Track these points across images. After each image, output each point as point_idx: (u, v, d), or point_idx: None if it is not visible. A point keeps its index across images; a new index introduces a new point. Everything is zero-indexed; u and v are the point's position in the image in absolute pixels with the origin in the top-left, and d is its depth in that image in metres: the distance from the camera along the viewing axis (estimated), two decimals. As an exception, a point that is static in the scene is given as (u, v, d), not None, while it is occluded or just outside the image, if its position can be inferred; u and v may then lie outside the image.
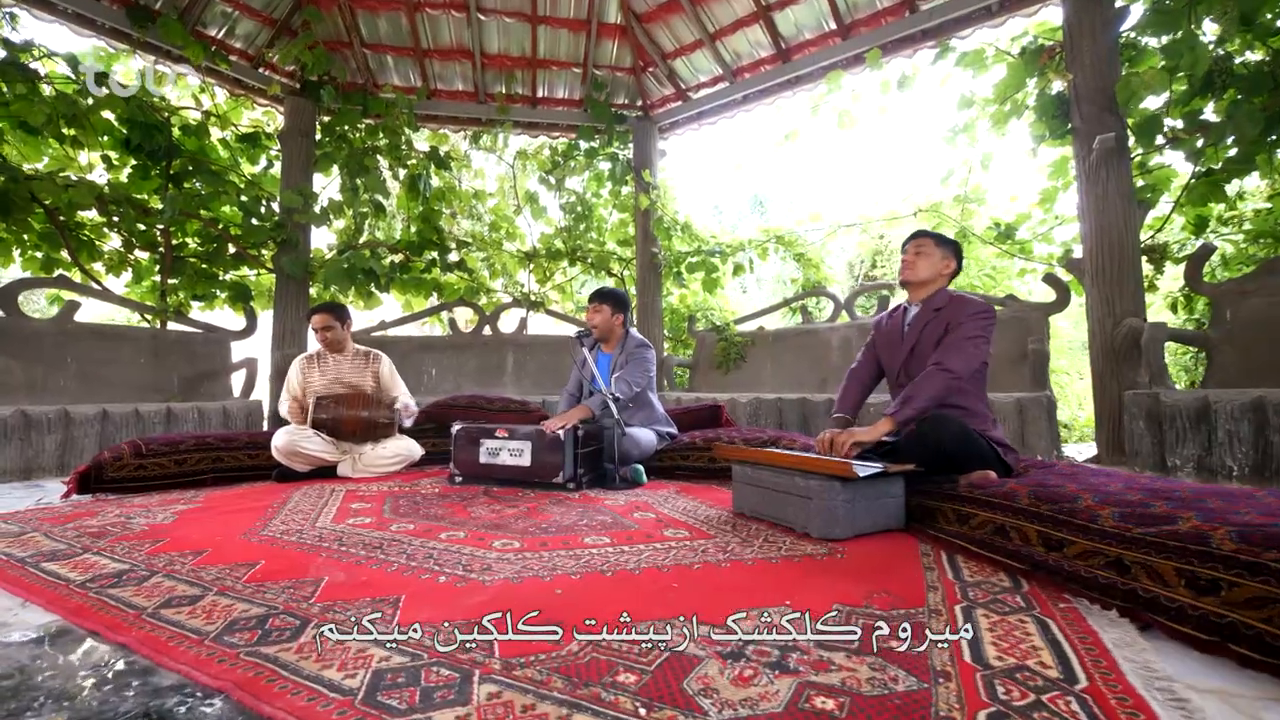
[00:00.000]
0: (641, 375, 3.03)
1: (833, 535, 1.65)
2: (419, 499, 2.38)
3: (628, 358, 3.06)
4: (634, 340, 3.13)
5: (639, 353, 3.06)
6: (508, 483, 2.65)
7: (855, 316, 4.75)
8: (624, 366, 3.03)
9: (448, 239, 5.38)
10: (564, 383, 5.57)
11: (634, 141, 5.70)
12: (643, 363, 3.05)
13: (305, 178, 4.89)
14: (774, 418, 4.37)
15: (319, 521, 2.01)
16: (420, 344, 5.27)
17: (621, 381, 2.89)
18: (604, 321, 3.10)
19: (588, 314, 3.12)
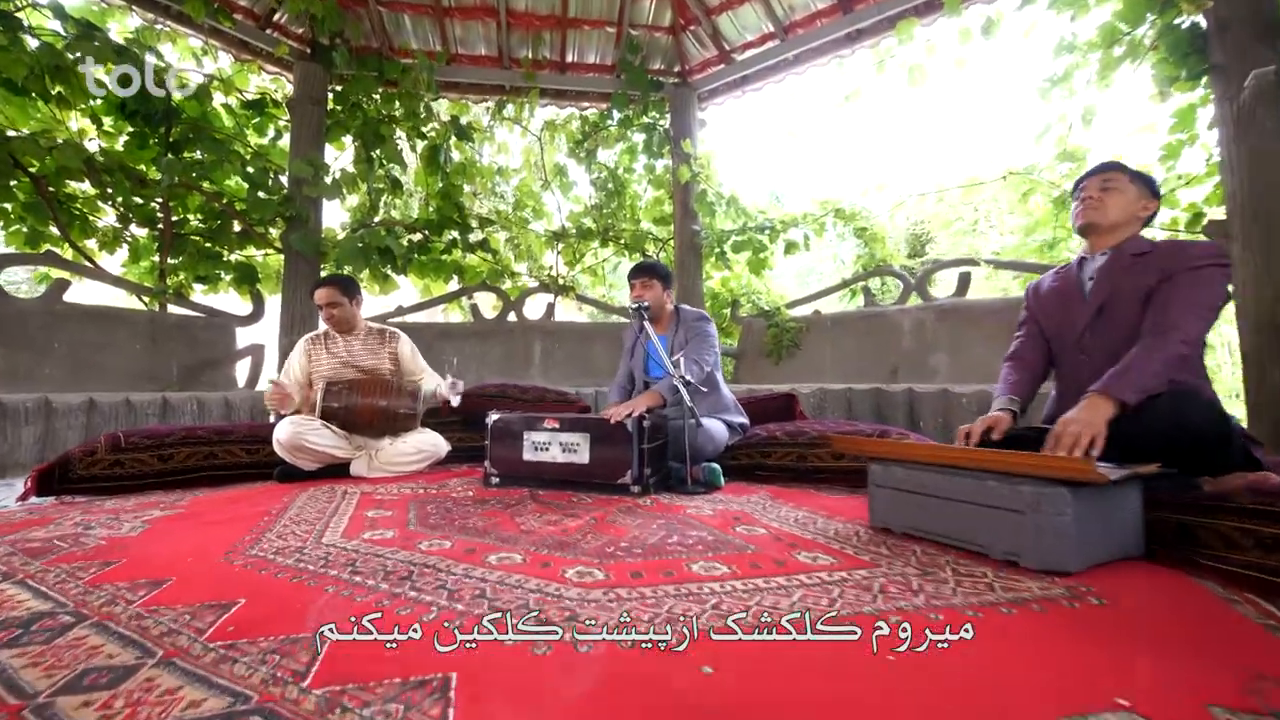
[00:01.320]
0: (709, 353, 2.55)
1: (1061, 567, 1.14)
2: (451, 505, 1.90)
3: (688, 335, 2.57)
4: (691, 314, 2.64)
5: (700, 327, 2.58)
6: (557, 484, 2.16)
7: (929, 297, 4.21)
8: (685, 345, 2.55)
9: (469, 217, 4.92)
10: (596, 373, 5.17)
11: (671, 111, 5.21)
12: (707, 339, 2.57)
13: (316, 148, 4.45)
14: (842, 410, 3.86)
15: (326, 536, 1.53)
16: (440, 331, 4.82)
17: (690, 363, 2.39)
18: (655, 299, 2.62)
19: (634, 291, 2.64)
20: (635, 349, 2.75)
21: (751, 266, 4.95)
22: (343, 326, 2.80)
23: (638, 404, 2.23)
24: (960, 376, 3.85)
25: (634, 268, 2.67)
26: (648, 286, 2.60)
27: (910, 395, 3.62)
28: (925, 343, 4.09)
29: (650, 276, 2.61)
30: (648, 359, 2.70)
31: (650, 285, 2.60)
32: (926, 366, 4.05)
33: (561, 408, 3.18)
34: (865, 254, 4.51)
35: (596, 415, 2.17)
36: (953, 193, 4.12)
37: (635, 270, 2.65)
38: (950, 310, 4.04)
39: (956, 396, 3.44)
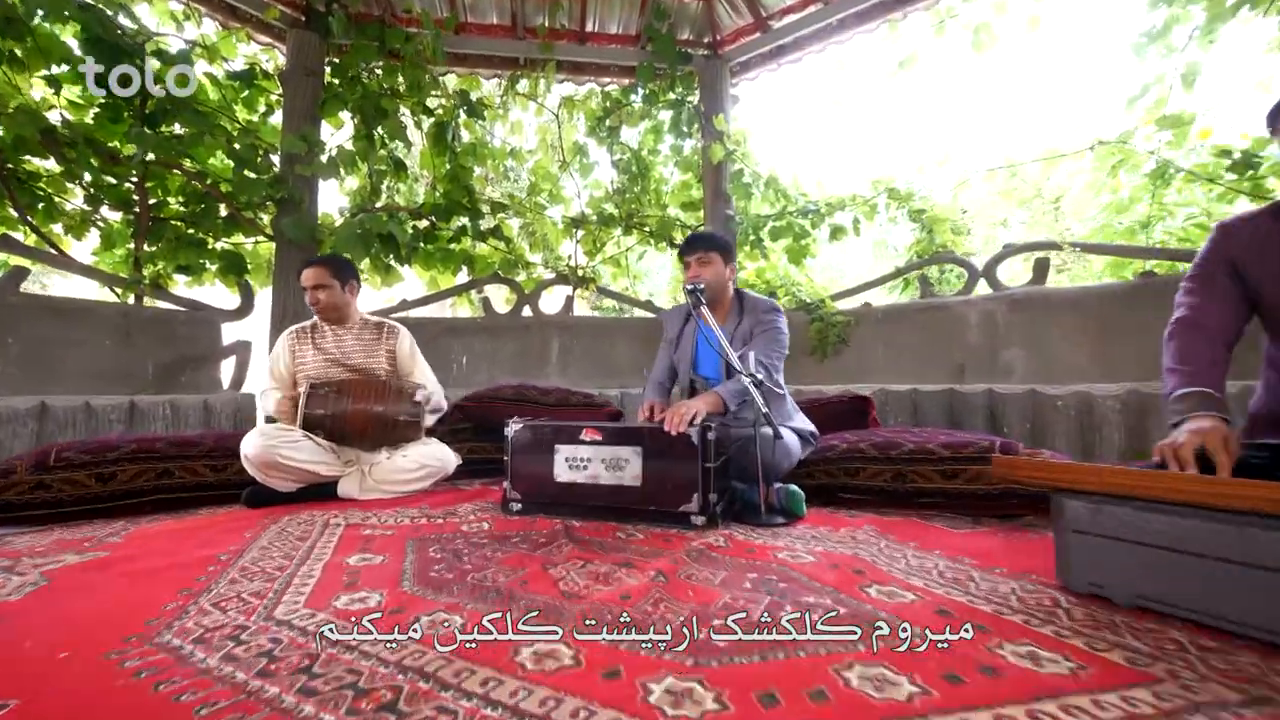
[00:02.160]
0: (779, 354, 2.08)
1: None
2: (461, 545, 1.44)
3: (755, 327, 2.10)
4: (761, 303, 2.16)
5: (771, 320, 2.10)
6: (598, 512, 1.69)
7: (1000, 286, 3.71)
8: (750, 340, 2.08)
9: (480, 202, 4.46)
10: (618, 372, 4.68)
11: (700, 85, 4.73)
12: (779, 336, 2.10)
13: (311, 124, 4.01)
14: (907, 415, 3.37)
15: (283, 603, 1.07)
16: (447, 327, 4.36)
17: (758, 365, 1.92)
18: (716, 278, 2.14)
19: (689, 271, 2.16)
20: (682, 339, 2.27)
21: (791, 255, 4.46)
22: (331, 315, 2.35)
23: (695, 406, 1.75)
24: (1039, 375, 3.35)
25: (689, 239, 2.20)
26: (706, 263, 2.12)
27: (990, 398, 3.13)
28: (996, 338, 3.59)
29: (709, 249, 2.14)
30: (697, 353, 2.23)
31: (709, 261, 2.13)
32: (998, 364, 3.55)
33: (588, 413, 2.71)
34: (923, 239, 4.01)
35: (649, 424, 1.70)
36: (1026, 170, 3.63)
37: (691, 242, 2.17)
38: (1025, 301, 3.53)
39: (1048, 399, 2.94)
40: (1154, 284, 3.21)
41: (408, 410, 2.17)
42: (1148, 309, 3.18)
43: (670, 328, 2.36)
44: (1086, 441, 2.82)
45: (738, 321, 2.15)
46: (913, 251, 4.23)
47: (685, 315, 2.30)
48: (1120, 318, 3.23)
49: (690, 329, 2.23)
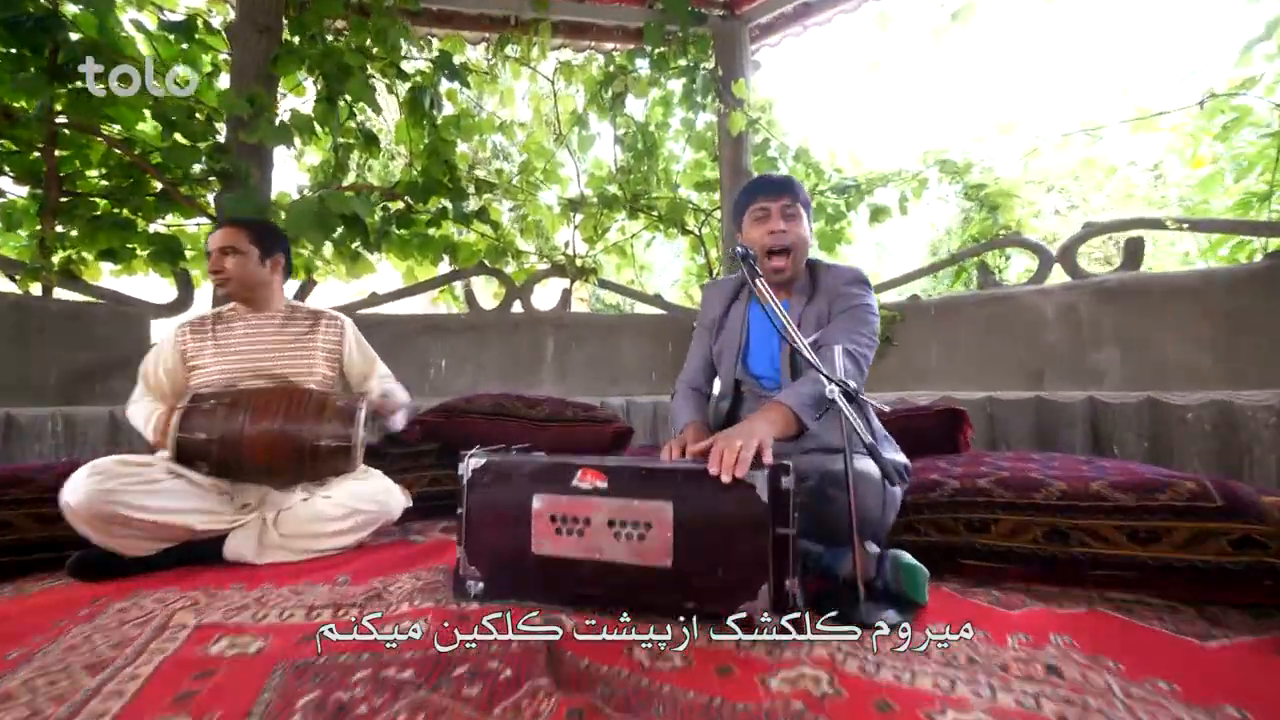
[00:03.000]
0: (870, 341, 1.47)
1: None
2: (360, 689, 0.81)
3: (833, 303, 1.49)
4: (841, 272, 1.55)
5: (857, 295, 1.50)
6: (603, 604, 1.06)
7: (1081, 273, 3.09)
8: (834, 322, 1.47)
9: (463, 181, 3.85)
10: (623, 378, 3.99)
11: (716, 50, 4.13)
12: (868, 314, 1.49)
13: (263, 86, 3.40)
14: (981, 427, 2.74)
15: None
16: (425, 325, 3.74)
17: (847, 355, 1.30)
18: (802, 243, 1.54)
19: (770, 223, 1.51)
20: (727, 324, 1.66)
21: (823, 241, 3.85)
22: (240, 293, 1.73)
23: (758, 432, 1.12)
24: (1143, 381, 2.73)
25: (765, 179, 1.59)
26: (793, 218, 1.51)
27: (1091, 408, 2.50)
28: (1080, 336, 2.97)
29: (795, 199, 1.52)
30: (747, 344, 1.61)
31: (797, 217, 1.52)
32: (1085, 368, 2.92)
33: (588, 431, 2.08)
34: (983, 219, 3.39)
35: (692, 462, 1.08)
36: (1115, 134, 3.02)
37: (774, 184, 1.54)
38: (1119, 290, 2.91)
39: (1173, 410, 2.32)
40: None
41: (333, 433, 1.54)
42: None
43: (710, 307, 1.74)
44: (1229, 465, 2.19)
45: (807, 299, 1.53)
46: (968, 234, 3.61)
47: (733, 292, 1.68)
48: (1251, 309, 2.61)
49: (739, 310, 1.61)
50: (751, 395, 1.58)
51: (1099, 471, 1.38)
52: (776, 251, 1.48)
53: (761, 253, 1.49)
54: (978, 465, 1.57)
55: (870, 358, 1.46)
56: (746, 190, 1.59)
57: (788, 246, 1.48)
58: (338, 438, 1.55)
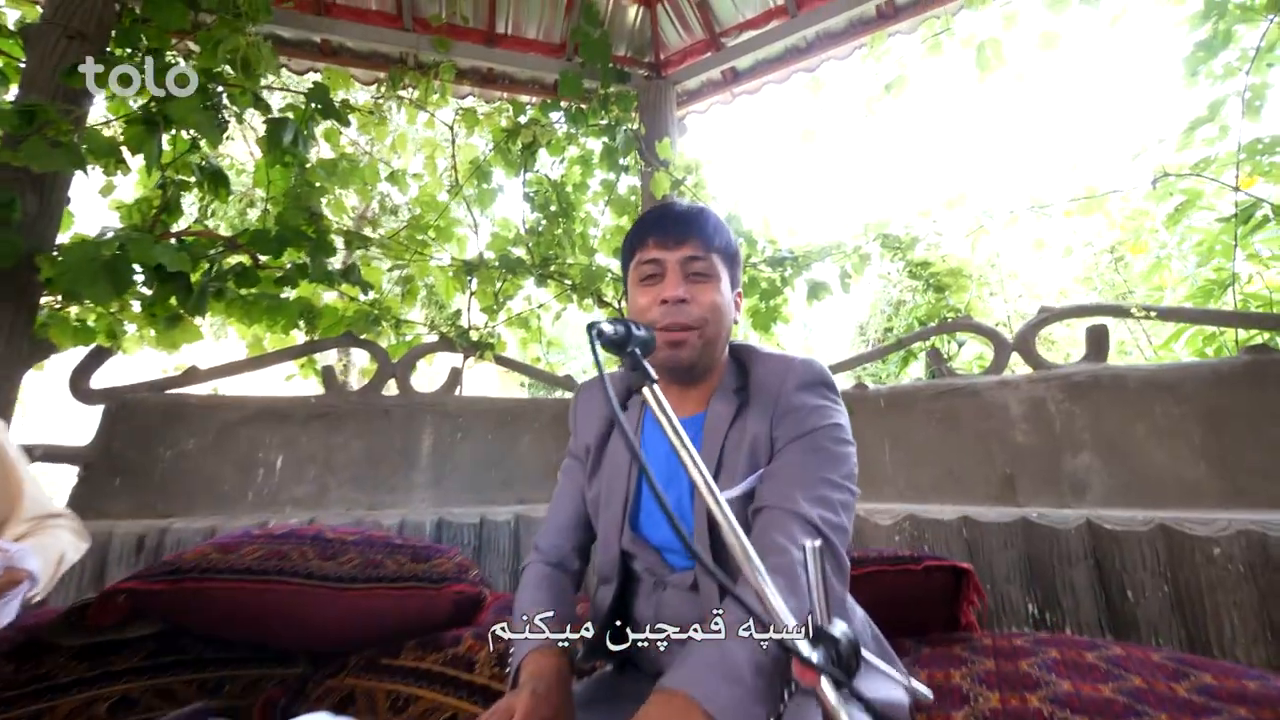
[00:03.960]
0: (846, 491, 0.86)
1: None
2: None
3: (778, 419, 0.90)
4: (787, 370, 0.95)
5: (814, 408, 0.91)
6: None
7: (1043, 364, 2.72)
8: (782, 456, 0.86)
9: (331, 231, 3.16)
10: (520, 481, 3.10)
11: (641, 109, 3.77)
12: (839, 444, 0.89)
13: (58, 100, 2.65)
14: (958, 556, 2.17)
15: None
16: (259, 411, 2.89)
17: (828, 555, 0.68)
18: (715, 314, 0.95)
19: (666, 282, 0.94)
20: (608, 456, 1.04)
21: (757, 320, 3.38)
22: None
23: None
24: (1130, 494, 2.30)
25: (654, 216, 1.00)
26: (702, 274, 0.96)
27: (1092, 535, 2.00)
28: (1053, 436, 2.55)
29: (707, 247, 0.97)
30: (638, 492, 0.98)
31: (709, 276, 0.96)
32: (1062, 475, 2.48)
33: (416, 601, 1.33)
34: (929, 301, 3.03)
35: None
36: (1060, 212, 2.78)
37: (665, 223, 0.98)
38: (1089, 385, 2.54)
39: (1193, 543, 1.85)
40: (1274, 362, 2.30)
41: None
42: (1275, 398, 2.24)
43: (583, 425, 1.11)
44: (1275, 618, 1.71)
45: (734, 410, 0.93)
46: (913, 316, 3.23)
47: (620, 401, 1.06)
48: (1236, 411, 2.26)
49: (636, 421, 1.00)
50: (650, 580, 0.93)
51: (1180, 670, 0.80)
52: (674, 329, 0.89)
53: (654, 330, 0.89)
54: (1014, 662, 0.96)
55: (850, 525, 0.85)
56: (631, 232, 1.01)
57: (689, 325, 0.90)
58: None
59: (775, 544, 0.76)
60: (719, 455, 0.93)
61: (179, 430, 2.77)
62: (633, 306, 1.00)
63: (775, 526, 0.80)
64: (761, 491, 0.87)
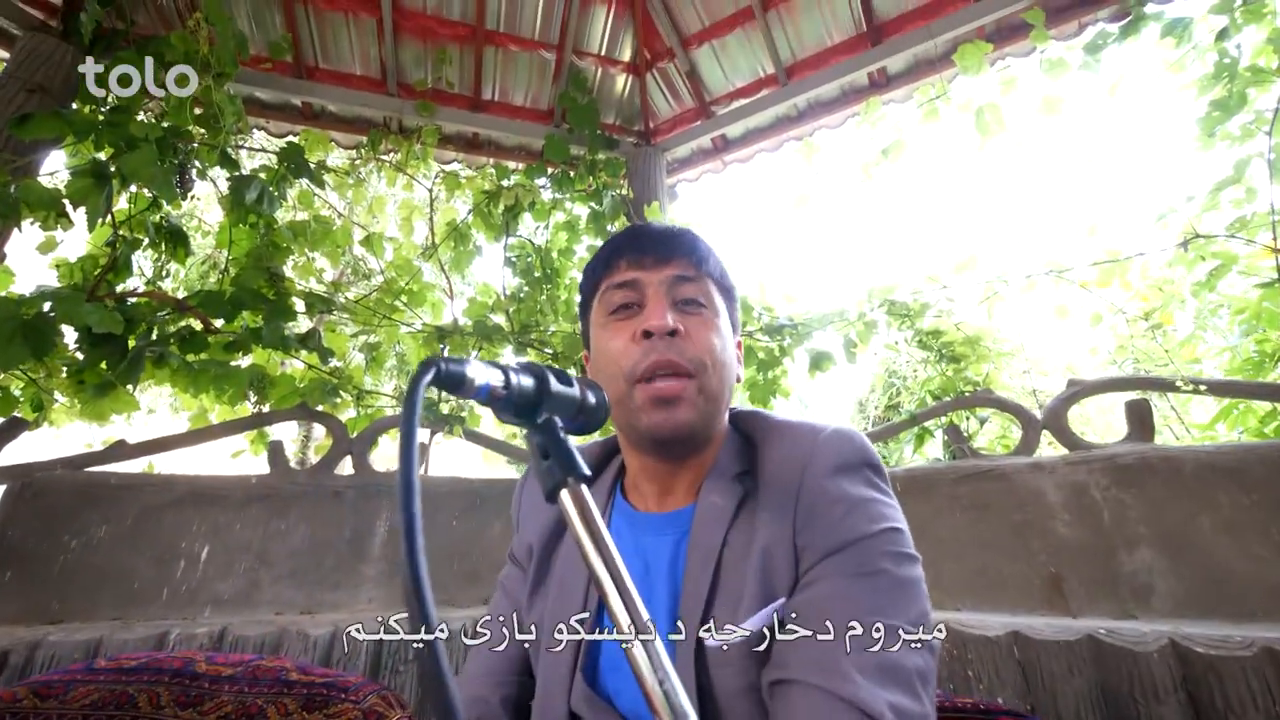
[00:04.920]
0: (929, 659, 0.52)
1: None
2: None
3: (804, 522, 0.59)
4: (812, 447, 0.65)
5: (868, 505, 0.60)
6: None
7: (1080, 444, 2.41)
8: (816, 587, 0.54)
9: (293, 293, 2.91)
10: (486, 577, 2.59)
11: (630, 176, 3.65)
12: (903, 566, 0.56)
13: (7, 152, 2.47)
14: (1013, 685, 1.76)
15: None
16: (187, 492, 2.52)
17: None
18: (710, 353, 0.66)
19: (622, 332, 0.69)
20: (554, 566, 0.73)
21: (755, 393, 3.08)
22: None
23: None
24: (1207, 600, 1.92)
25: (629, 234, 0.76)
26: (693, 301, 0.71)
27: (1180, 660, 1.62)
28: (1101, 529, 2.19)
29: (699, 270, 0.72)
30: (598, 654, 0.65)
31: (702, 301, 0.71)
32: (1119, 576, 2.10)
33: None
34: (945, 371, 2.75)
35: None
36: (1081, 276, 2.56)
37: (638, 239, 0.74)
38: (1138, 468, 2.22)
39: None
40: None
41: None
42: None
43: (528, 519, 0.82)
44: None
45: (735, 504, 0.63)
46: (925, 390, 2.95)
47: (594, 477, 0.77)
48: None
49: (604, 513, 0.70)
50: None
51: None
52: (663, 374, 0.61)
53: (626, 387, 0.62)
54: None
55: (934, 709, 0.52)
56: (596, 256, 0.75)
57: (685, 368, 0.62)
58: None
59: None
60: (714, 576, 0.62)
61: (91, 514, 2.40)
62: (599, 357, 0.72)
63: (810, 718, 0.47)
64: (785, 652, 0.54)
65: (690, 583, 0.62)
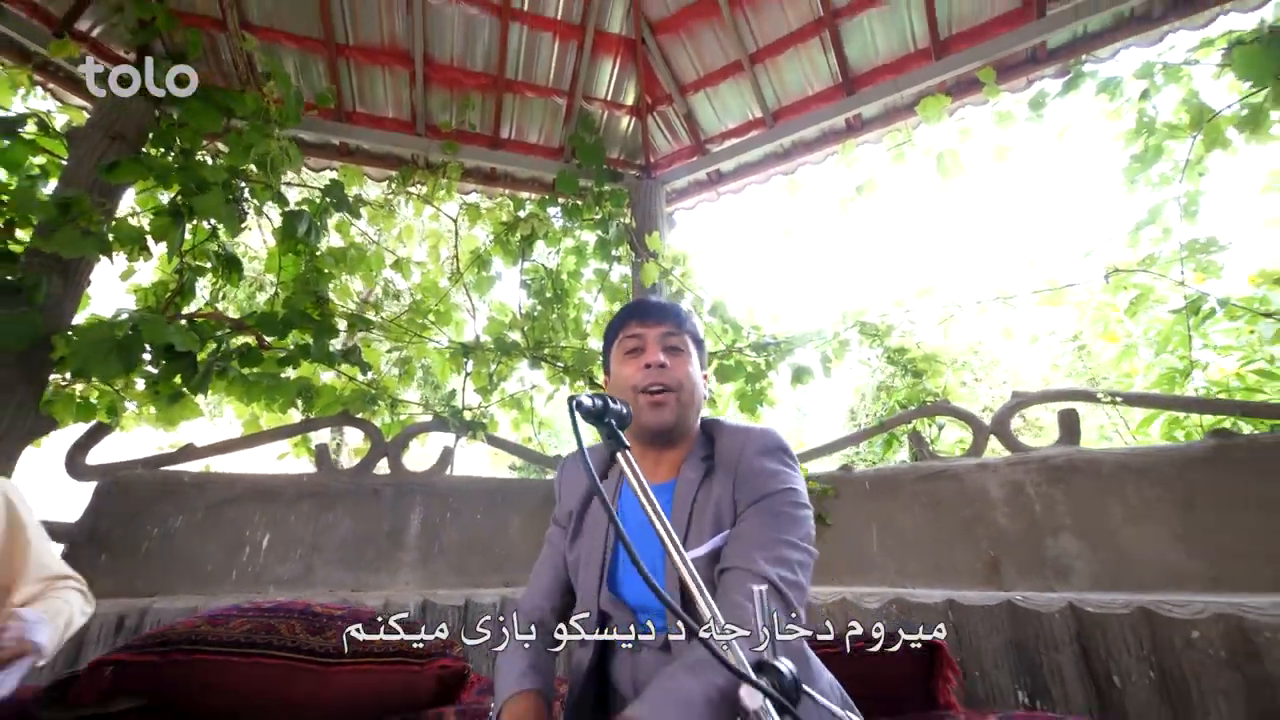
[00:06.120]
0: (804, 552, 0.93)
1: None
2: None
3: (740, 484, 0.99)
4: (752, 439, 1.05)
5: (773, 472, 1.01)
6: None
7: (1020, 446, 2.81)
8: (744, 521, 0.94)
9: (336, 314, 3.31)
10: (510, 564, 3.07)
11: (632, 204, 4.06)
12: (795, 507, 0.97)
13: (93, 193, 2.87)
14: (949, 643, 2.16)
15: None
16: (249, 489, 2.91)
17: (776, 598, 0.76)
18: (688, 386, 1.07)
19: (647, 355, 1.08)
20: (588, 522, 1.11)
21: (744, 402, 3.48)
22: None
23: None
24: (1113, 578, 2.32)
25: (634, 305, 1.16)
26: (677, 352, 1.09)
27: (1076, 620, 2.01)
28: (1034, 519, 2.59)
29: (679, 327, 1.12)
30: (617, 556, 1.05)
31: (683, 351, 1.10)
32: (1045, 559, 2.50)
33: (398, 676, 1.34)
34: (909, 385, 3.15)
35: None
36: (1025, 304, 2.97)
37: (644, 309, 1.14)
38: (1065, 468, 2.61)
39: (1172, 626, 1.86)
40: (1238, 446, 2.39)
41: None
42: (1242, 479, 2.31)
43: (567, 494, 1.19)
44: (1264, 707, 1.70)
45: (701, 476, 1.01)
46: (894, 400, 3.34)
47: (599, 472, 1.15)
48: (1208, 492, 2.33)
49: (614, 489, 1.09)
50: (622, 624, 0.98)
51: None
52: (656, 389, 1.00)
53: (634, 397, 1.00)
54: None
55: (808, 583, 0.91)
56: (615, 318, 1.14)
57: (669, 385, 1.00)
58: None
59: (736, 600, 0.83)
60: (688, 519, 1.01)
61: (168, 508, 2.78)
62: (616, 380, 1.11)
63: (737, 585, 0.86)
64: (726, 552, 0.93)
65: (675, 523, 1.00)
